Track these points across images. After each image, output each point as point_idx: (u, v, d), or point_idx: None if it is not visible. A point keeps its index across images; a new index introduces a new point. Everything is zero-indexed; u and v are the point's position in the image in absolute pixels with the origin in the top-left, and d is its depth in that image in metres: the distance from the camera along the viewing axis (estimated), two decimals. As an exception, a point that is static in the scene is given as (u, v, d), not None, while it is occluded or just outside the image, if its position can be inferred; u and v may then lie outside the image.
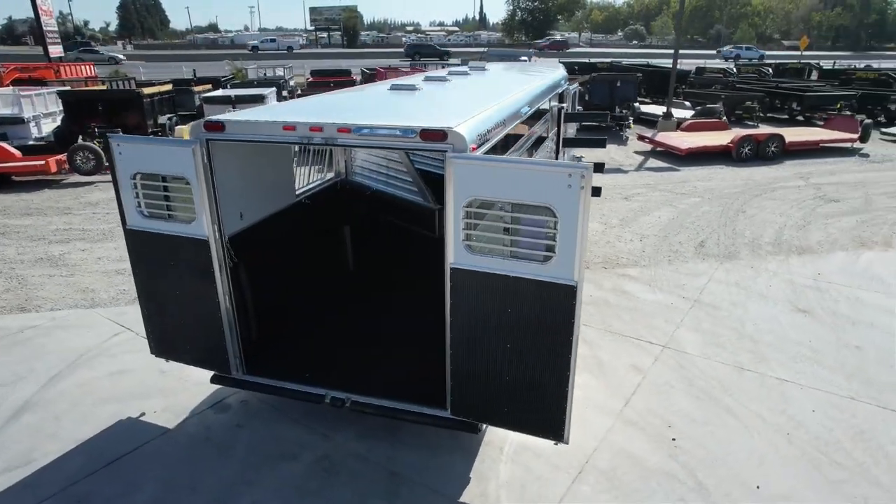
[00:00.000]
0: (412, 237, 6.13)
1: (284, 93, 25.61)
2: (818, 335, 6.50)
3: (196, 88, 23.53)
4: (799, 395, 5.44)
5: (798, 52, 51.57)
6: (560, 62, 25.23)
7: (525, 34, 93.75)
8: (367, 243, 6.82)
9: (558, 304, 3.75)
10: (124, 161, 4.50)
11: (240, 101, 19.34)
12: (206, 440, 4.86)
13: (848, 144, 16.86)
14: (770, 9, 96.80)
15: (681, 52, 20.26)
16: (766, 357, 6.06)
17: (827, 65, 33.97)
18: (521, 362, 3.97)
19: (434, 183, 6.27)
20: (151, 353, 5.14)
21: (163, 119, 18.32)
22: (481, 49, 56.54)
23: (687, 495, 4.27)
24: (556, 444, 4.14)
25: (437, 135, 3.77)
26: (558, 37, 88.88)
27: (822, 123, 19.47)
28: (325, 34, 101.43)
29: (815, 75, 30.27)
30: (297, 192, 5.93)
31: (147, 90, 17.94)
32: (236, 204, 4.90)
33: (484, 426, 4.48)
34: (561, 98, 8.23)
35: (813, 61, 34.32)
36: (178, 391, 5.53)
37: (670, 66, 20.15)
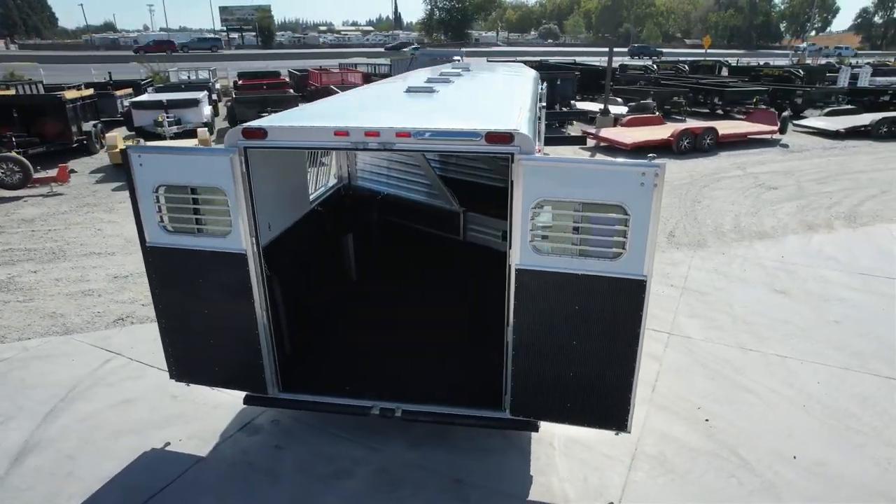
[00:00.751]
0: (430, 241, 6.06)
1: (214, 96, 24.50)
2: (800, 313, 7.04)
3: (117, 92, 22.08)
4: (800, 369, 5.89)
5: (704, 51, 55.08)
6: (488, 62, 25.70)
7: (444, 33, 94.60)
8: (386, 249, 6.68)
9: (628, 298, 3.85)
10: (145, 173, 4.17)
11: (172, 105, 18.35)
12: (248, 465, 4.61)
13: (769, 136, 18.28)
14: (671, 9, 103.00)
15: (593, 49, 21.07)
16: (762, 336, 6.50)
17: (721, 62, 36.60)
18: (588, 357, 4.05)
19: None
20: (171, 377, 4.80)
21: (87, 126, 17.02)
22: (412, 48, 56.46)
23: (736, 472, 4.52)
24: (616, 433, 4.26)
25: (503, 137, 3.77)
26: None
27: (741, 117, 21.00)
28: (237, 35, 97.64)
29: (725, 72, 32.56)
30: (310, 200, 5.72)
31: (68, 95, 16.60)
32: (264, 214, 4.67)
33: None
34: (541, 98, 8.42)
35: (721, 59, 36.84)
36: (198, 416, 5.19)
37: (588, 63, 20.99)
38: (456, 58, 30.27)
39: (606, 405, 4.17)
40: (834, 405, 5.32)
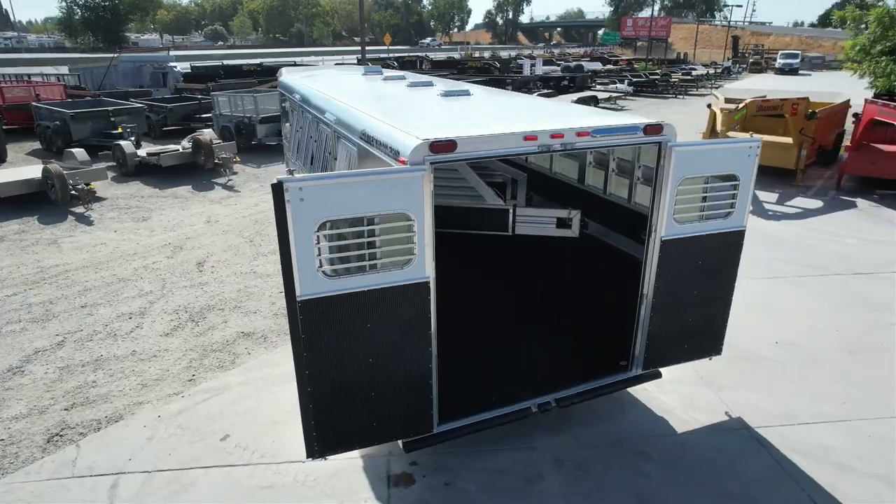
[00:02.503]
0: (477, 240, 6.02)
1: None
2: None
3: None
4: (789, 289, 7.79)
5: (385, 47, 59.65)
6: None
7: (93, 35, 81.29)
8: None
9: (733, 246, 4.87)
10: (307, 209, 3.46)
11: None
12: (444, 511, 4.21)
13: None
14: (335, 9, 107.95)
15: (268, 50, 21.75)
16: (751, 274, 7.96)
17: (422, 57, 41.01)
18: (702, 302, 4.95)
19: None
20: (310, 455, 4.02)
21: None
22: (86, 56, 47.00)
23: (751, 359, 6.02)
24: (710, 359, 5.30)
25: (657, 129, 4.33)
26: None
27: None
28: None
29: (427, 66, 36.34)
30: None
31: None
32: None
33: None
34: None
35: (422, 53, 40.90)
36: (325, 493, 4.42)
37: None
38: (172, 64, 27.06)
39: (711, 337, 5.16)
40: (774, 306, 7.28)
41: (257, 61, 34.75)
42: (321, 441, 3.99)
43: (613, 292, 5.41)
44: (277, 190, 3.36)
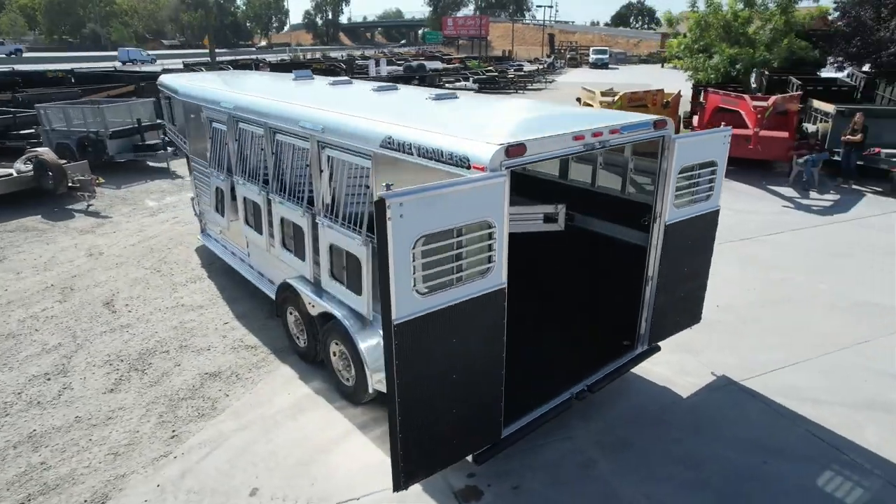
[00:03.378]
0: None
1: None
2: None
3: None
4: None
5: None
6: None
7: None
8: None
9: (711, 224, 5.48)
10: (406, 226, 3.26)
11: None
12: (526, 514, 4.20)
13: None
14: (134, 8, 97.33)
15: (55, 54, 19.88)
16: None
17: (259, 60, 38.97)
18: (691, 276, 5.52)
19: None
20: (398, 488, 3.79)
21: None
22: None
23: (704, 323, 6.83)
24: (691, 327, 5.92)
25: (662, 123, 4.73)
26: None
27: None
28: None
29: (267, 69, 34.60)
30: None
31: None
32: None
33: None
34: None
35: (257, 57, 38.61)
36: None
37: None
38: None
39: (694, 307, 5.77)
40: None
41: (65, 67, 30.10)
42: (407, 471, 3.76)
43: (609, 279, 5.77)
44: (380, 206, 3.10)
